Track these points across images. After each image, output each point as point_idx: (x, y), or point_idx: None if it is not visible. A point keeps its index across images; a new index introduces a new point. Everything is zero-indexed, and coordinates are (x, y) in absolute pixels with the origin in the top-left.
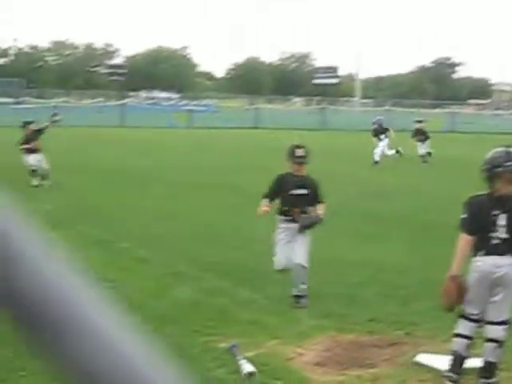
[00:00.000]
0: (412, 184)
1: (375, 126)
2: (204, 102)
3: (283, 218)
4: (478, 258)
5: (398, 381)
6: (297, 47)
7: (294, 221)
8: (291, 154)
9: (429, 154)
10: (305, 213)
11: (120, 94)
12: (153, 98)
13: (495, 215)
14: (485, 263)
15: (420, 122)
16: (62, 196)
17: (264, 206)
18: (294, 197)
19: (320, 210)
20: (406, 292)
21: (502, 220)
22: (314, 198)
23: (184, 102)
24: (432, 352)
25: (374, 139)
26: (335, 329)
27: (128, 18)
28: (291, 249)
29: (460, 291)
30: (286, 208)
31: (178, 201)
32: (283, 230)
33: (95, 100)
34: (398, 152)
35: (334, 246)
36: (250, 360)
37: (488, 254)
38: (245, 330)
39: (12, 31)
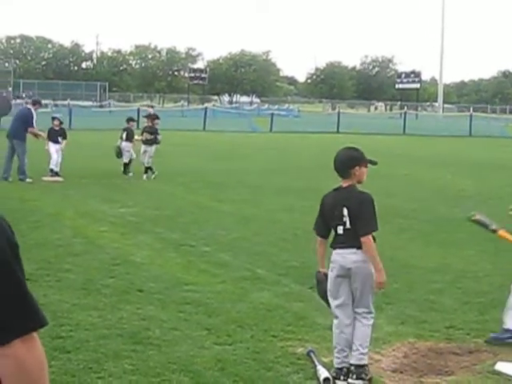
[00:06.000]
0: (490, 188)
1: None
2: (285, 106)
3: None
4: None
5: None
6: (380, 51)
7: None
8: None
9: None
10: None
11: (202, 97)
12: (236, 102)
13: None
14: None
15: None
16: (144, 199)
17: None
18: None
19: None
20: (486, 299)
21: None
22: None
23: (265, 106)
24: (511, 360)
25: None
26: (413, 335)
27: (211, 22)
28: None
29: None
30: None
31: (257, 204)
32: None
33: (177, 104)
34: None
35: (409, 252)
36: (327, 366)
37: None
38: (322, 335)
39: (95, 35)
